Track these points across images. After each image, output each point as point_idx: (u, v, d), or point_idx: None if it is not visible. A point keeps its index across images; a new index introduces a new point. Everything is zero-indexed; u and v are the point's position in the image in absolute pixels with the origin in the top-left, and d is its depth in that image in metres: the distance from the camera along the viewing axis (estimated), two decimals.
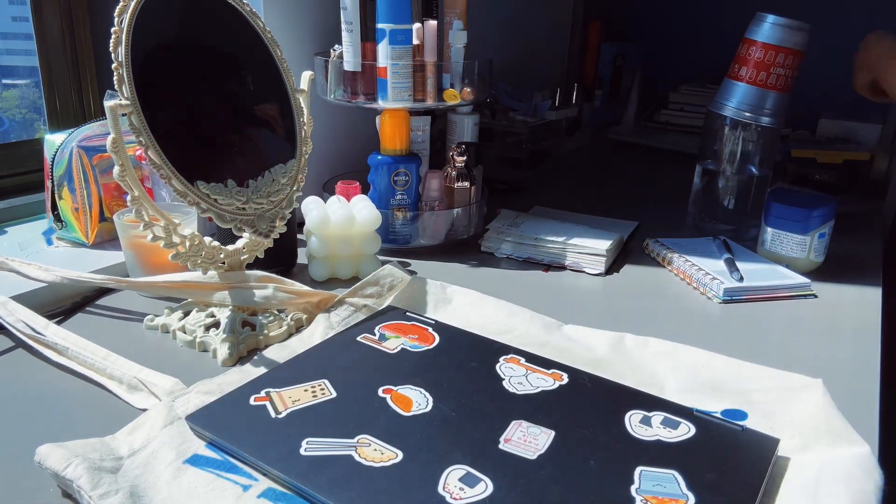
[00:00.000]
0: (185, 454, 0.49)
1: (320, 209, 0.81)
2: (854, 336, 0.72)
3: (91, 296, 0.75)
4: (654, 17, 1.84)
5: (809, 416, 0.53)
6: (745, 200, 1.02)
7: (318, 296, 0.71)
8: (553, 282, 0.86)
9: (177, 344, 0.66)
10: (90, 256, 0.83)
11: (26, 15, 0.97)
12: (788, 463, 0.49)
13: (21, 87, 1.06)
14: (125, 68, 0.57)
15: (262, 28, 0.69)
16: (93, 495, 0.43)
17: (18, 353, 0.64)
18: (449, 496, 0.44)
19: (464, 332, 0.66)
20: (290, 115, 0.72)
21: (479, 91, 0.94)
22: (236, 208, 0.64)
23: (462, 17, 0.92)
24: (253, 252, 0.69)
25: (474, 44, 0.95)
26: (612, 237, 0.90)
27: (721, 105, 0.99)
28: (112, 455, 0.47)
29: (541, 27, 1.57)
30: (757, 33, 0.95)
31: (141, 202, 0.60)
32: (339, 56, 0.90)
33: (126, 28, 0.57)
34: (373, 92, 0.88)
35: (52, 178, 0.84)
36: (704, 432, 0.51)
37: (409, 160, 0.89)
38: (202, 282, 0.67)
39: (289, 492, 0.46)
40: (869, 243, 1.02)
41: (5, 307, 0.66)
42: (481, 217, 0.98)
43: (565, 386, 0.57)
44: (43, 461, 0.45)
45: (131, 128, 0.58)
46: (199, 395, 0.54)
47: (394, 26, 0.83)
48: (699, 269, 0.84)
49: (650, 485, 0.45)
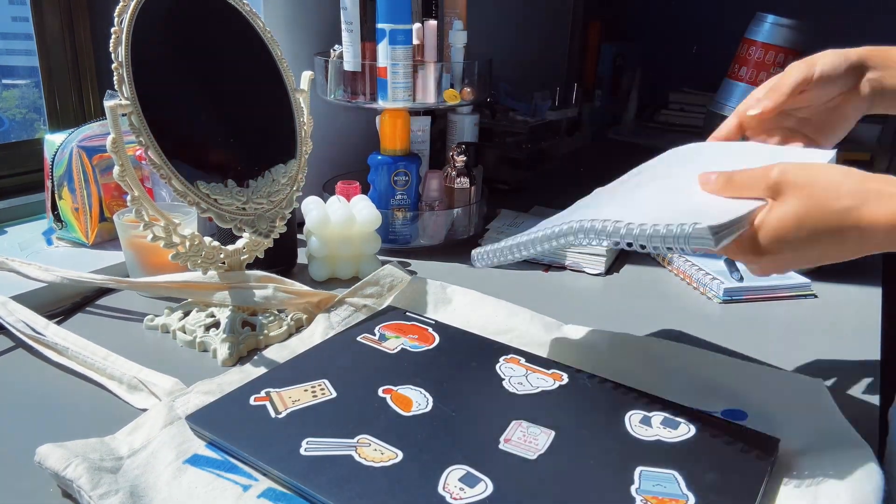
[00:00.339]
0: (185, 454, 0.49)
1: (320, 209, 0.81)
2: (854, 336, 0.72)
3: (91, 296, 0.75)
4: (654, 17, 1.84)
5: (809, 416, 0.53)
6: None
7: (318, 296, 0.71)
8: (553, 282, 0.86)
9: (177, 344, 0.66)
10: (90, 256, 0.83)
11: (26, 15, 0.97)
12: (788, 463, 0.49)
13: (21, 87, 1.06)
14: (125, 68, 0.57)
15: (262, 28, 0.69)
16: (93, 495, 0.43)
17: (18, 353, 0.64)
18: (449, 496, 0.44)
19: (464, 333, 0.66)
20: (290, 115, 0.72)
21: (479, 91, 0.94)
22: (236, 208, 0.64)
23: (462, 17, 0.92)
24: (253, 252, 0.69)
25: (474, 44, 0.95)
26: None
27: (721, 105, 1.00)
28: (112, 455, 0.47)
29: (541, 27, 1.57)
30: (757, 33, 0.95)
31: (141, 202, 0.60)
32: (339, 56, 0.90)
33: (126, 28, 0.57)
34: (373, 92, 0.88)
35: (52, 178, 0.84)
36: (704, 432, 0.51)
37: (409, 160, 0.89)
38: (202, 282, 0.67)
39: (289, 492, 0.46)
40: None
41: (5, 307, 0.66)
42: (481, 217, 0.98)
43: (565, 386, 0.57)
44: (43, 461, 0.45)
45: (131, 128, 0.58)
46: (199, 395, 0.54)
47: (394, 26, 0.83)
48: (699, 269, 0.84)
49: (650, 485, 0.45)
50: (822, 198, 0.46)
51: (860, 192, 0.45)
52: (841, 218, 0.45)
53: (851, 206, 0.44)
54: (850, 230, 0.45)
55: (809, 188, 0.46)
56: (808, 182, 0.46)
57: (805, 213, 0.46)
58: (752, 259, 0.50)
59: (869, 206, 0.44)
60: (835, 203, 0.45)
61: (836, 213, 0.45)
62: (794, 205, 0.46)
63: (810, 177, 0.47)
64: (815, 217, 0.46)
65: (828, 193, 0.45)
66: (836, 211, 0.45)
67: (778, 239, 0.47)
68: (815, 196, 0.46)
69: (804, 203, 0.46)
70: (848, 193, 0.45)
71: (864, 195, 0.44)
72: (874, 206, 0.44)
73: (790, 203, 0.47)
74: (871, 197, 0.44)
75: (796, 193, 0.46)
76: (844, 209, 0.45)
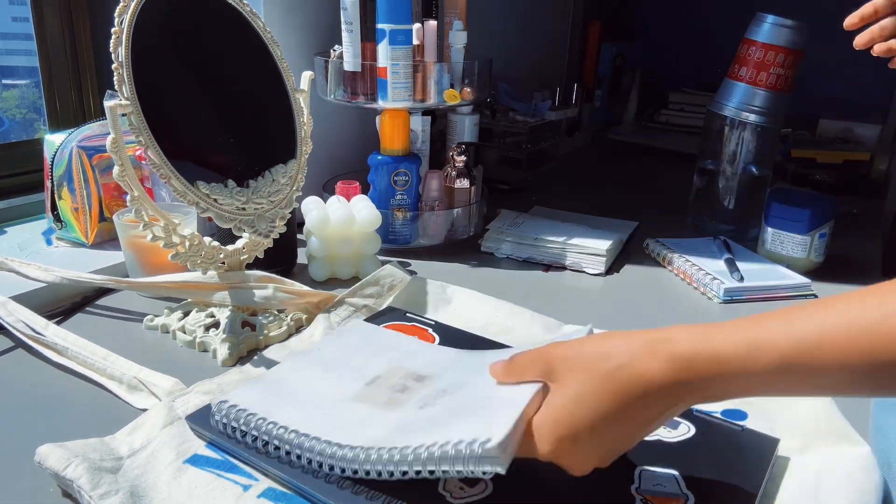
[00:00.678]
0: (185, 454, 0.49)
1: (320, 209, 0.81)
2: None
3: (91, 296, 0.75)
4: (653, 18, 1.84)
5: (809, 416, 0.53)
6: (745, 200, 1.02)
7: (318, 296, 0.71)
8: (553, 282, 0.86)
9: (177, 344, 0.66)
10: (90, 256, 0.83)
11: (26, 15, 0.97)
12: (788, 463, 0.49)
13: (21, 87, 1.06)
14: (125, 68, 0.57)
15: (262, 28, 0.69)
16: (93, 495, 0.43)
17: (18, 353, 0.64)
18: (449, 495, 0.44)
19: (464, 333, 0.66)
20: (290, 116, 0.72)
21: (479, 91, 0.94)
22: (236, 208, 0.64)
23: (462, 17, 0.92)
24: (253, 252, 0.69)
25: (474, 44, 0.95)
26: (612, 237, 0.90)
27: (721, 105, 0.99)
28: (112, 455, 0.47)
29: (541, 27, 1.57)
30: (757, 33, 0.95)
31: (141, 202, 0.60)
32: (339, 56, 0.90)
33: (126, 28, 0.57)
34: (373, 92, 0.88)
35: (51, 178, 0.84)
36: (704, 432, 0.51)
37: (409, 160, 0.89)
38: (202, 282, 0.67)
39: (289, 491, 0.46)
40: (869, 243, 1.02)
41: (5, 307, 0.66)
42: (481, 217, 0.98)
43: None
44: (43, 461, 0.45)
45: (131, 128, 0.58)
46: (199, 395, 0.54)
47: (394, 26, 0.83)
48: (699, 269, 0.84)
49: (650, 484, 0.45)
50: (591, 363, 0.40)
51: (629, 347, 0.40)
52: (615, 378, 0.39)
53: (622, 364, 0.39)
54: (630, 389, 0.39)
55: (577, 357, 0.41)
56: (576, 351, 0.42)
57: (582, 388, 0.40)
58: (551, 457, 0.41)
59: (641, 360, 0.39)
60: (604, 364, 0.40)
61: (609, 375, 0.39)
62: (570, 382, 0.41)
63: (578, 345, 0.42)
64: (590, 388, 0.40)
65: (597, 356, 0.41)
66: (608, 372, 0.40)
67: (562, 425, 0.40)
68: (585, 364, 0.41)
69: (577, 377, 0.40)
70: (616, 351, 0.40)
71: (635, 349, 0.40)
72: (647, 359, 0.39)
73: (566, 381, 0.41)
74: (642, 350, 0.39)
75: (567, 366, 0.41)
76: (615, 368, 0.39)
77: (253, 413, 0.48)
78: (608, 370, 0.40)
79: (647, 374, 0.39)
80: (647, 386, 0.39)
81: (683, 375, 0.38)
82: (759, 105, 0.96)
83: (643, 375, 0.39)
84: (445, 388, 0.50)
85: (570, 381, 0.41)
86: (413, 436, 0.43)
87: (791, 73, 0.95)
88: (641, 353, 0.39)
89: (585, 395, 0.40)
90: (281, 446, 0.46)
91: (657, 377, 0.39)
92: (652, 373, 0.39)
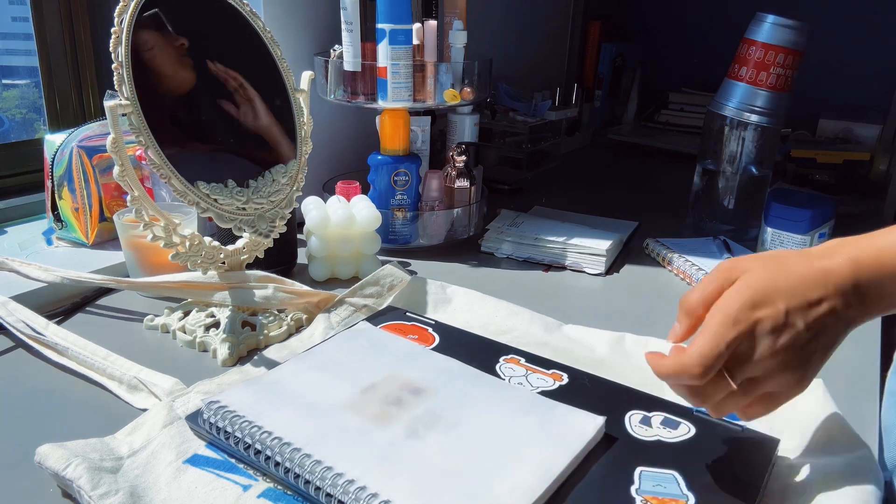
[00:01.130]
0: (185, 454, 0.49)
1: (320, 209, 0.81)
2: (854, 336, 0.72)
3: (91, 296, 0.75)
4: (653, 18, 1.84)
5: (810, 416, 0.52)
6: (745, 200, 1.02)
7: (318, 296, 0.71)
8: (553, 282, 0.86)
9: (177, 344, 0.66)
10: (90, 256, 0.83)
11: (26, 15, 0.97)
12: (788, 463, 0.49)
13: (21, 87, 1.06)
14: (125, 68, 0.57)
15: (262, 28, 0.69)
16: (93, 495, 0.43)
17: (18, 353, 0.64)
18: None
19: (464, 333, 0.66)
20: (289, 116, 0.72)
21: (479, 91, 0.94)
22: (236, 208, 0.64)
23: (462, 17, 0.92)
24: (253, 252, 0.69)
25: (474, 44, 0.95)
26: (612, 237, 0.90)
27: (721, 105, 0.99)
28: (112, 455, 0.47)
29: (541, 27, 1.57)
30: (757, 33, 0.95)
31: (141, 202, 0.60)
32: (339, 56, 0.90)
33: (126, 28, 0.57)
34: (373, 92, 0.88)
35: (52, 178, 0.84)
36: (704, 432, 0.51)
37: (409, 160, 0.89)
38: (202, 282, 0.67)
39: (289, 492, 0.46)
40: None
41: (5, 307, 0.66)
42: (481, 217, 0.98)
43: (565, 386, 0.57)
44: (43, 461, 0.45)
45: (131, 128, 0.58)
46: (199, 395, 0.54)
47: (394, 26, 0.83)
48: (699, 269, 0.84)
49: (650, 485, 0.45)
50: (778, 257, 0.44)
51: (812, 249, 0.44)
52: (809, 264, 0.43)
53: (814, 256, 0.43)
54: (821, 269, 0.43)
55: (762, 258, 0.44)
56: (757, 256, 0.45)
57: (772, 272, 0.43)
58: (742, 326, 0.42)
59: (830, 255, 0.43)
60: (794, 257, 0.44)
61: (802, 261, 0.43)
62: (756, 266, 0.43)
63: (757, 255, 0.45)
64: (781, 272, 0.43)
65: (783, 255, 0.44)
66: (799, 261, 0.43)
67: (754, 302, 0.41)
68: (772, 258, 0.44)
69: (763, 263, 0.43)
70: (802, 252, 0.44)
71: (821, 249, 0.44)
72: (838, 253, 0.43)
73: (751, 268, 0.44)
74: (824, 251, 0.44)
75: (751, 263, 0.44)
76: (811, 257, 0.43)
77: (240, 415, 0.48)
78: (802, 260, 0.43)
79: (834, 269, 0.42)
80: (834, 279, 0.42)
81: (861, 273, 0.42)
82: (760, 105, 0.97)
83: (831, 271, 0.42)
84: (440, 412, 0.50)
85: (759, 266, 0.43)
86: (391, 480, 0.43)
87: (791, 73, 0.95)
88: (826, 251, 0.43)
89: (779, 269, 0.43)
90: (262, 451, 0.46)
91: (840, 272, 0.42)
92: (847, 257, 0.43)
